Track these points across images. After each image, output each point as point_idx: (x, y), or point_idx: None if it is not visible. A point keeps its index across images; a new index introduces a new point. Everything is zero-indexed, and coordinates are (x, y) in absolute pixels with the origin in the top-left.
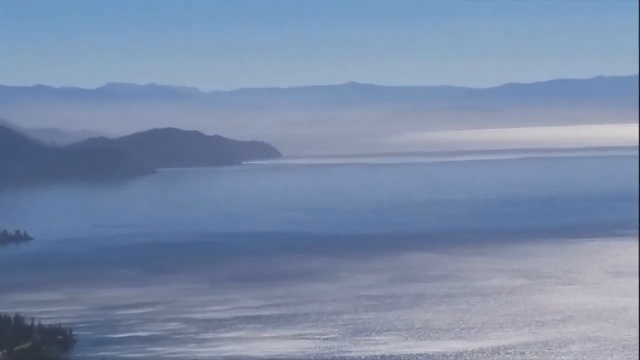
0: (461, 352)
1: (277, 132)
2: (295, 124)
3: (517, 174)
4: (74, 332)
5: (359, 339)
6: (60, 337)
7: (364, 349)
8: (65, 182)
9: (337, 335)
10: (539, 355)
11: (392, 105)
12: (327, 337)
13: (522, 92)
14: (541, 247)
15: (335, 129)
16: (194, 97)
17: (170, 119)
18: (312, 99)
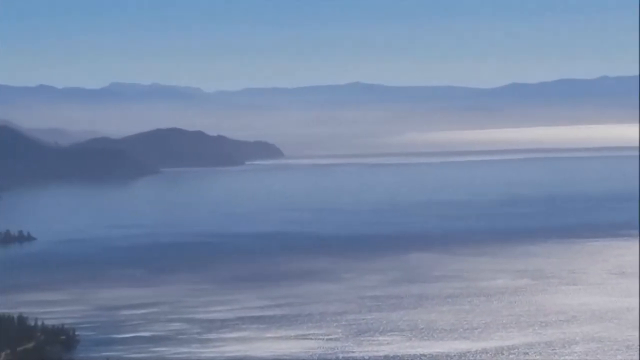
0: (465, 353)
1: (281, 132)
2: (298, 124)
3: (520, 174)
4: (77, 333)
5: (362, 339)
6: (63, 337)
7: (367, 349)
8: (68, 183)
9: (341, 335)
10: (542, 355)
11: (396, 105)
12: (331, 337)
13: (527, 93)
14: (544, 247)
15: (339, 129)
16: (198, 97)
17: (173, 119)
18: (316, 99)
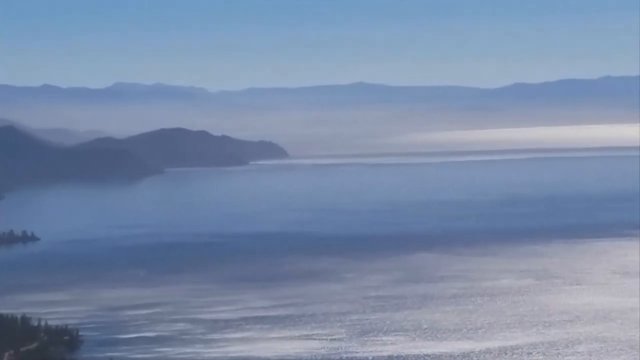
0: (468, 353)
1: (285, 132)
2: (302, 123)
3: (522, 174)
4: (80, 333)
5: (366, 339)
6: (67, 337)
7: (371, 349)
8: (72, 183)
9: (345, 335)
10: (546, 355)
11: (400, 105)
12: (334, 337)
13: (530, 93)
14: (548, 247)
15: (342, 128)
16: (201, 97)
17: (177, 119)
18: (320, 99)
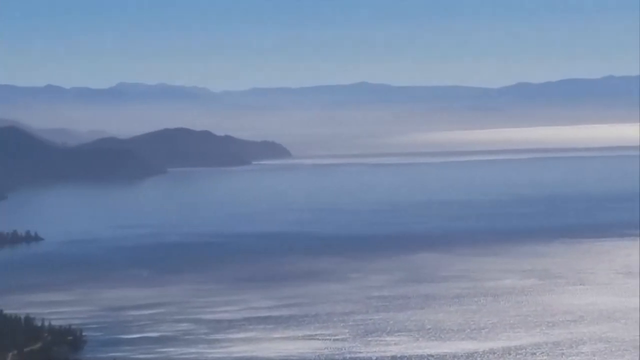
0: (472, 353)
1: (288, 132)
2: (305, 123)
3: (523, 174)
4: (84, 333)
5: (369, 339)
6: (70, 337)
7: (374, 349)
8: (75, 183)
9: (348, 335)
10: (550, 355)
11: (402, 105)
12: (338, 337)
13: (532, 92)
14: (551, 247)
15: (344, 129)
16: (204, 97)
17: (180, 119)
18: (323, 99)
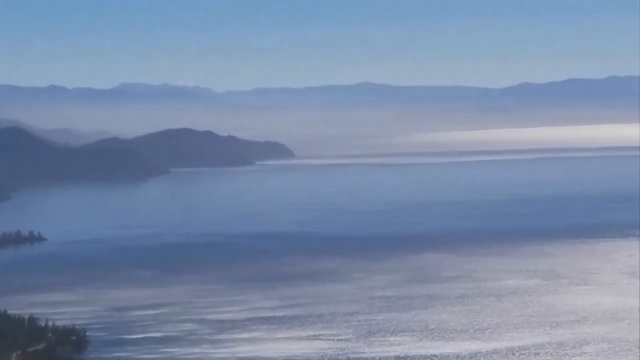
0: (475, 353)
1: (291, 132)
2: (309, 124)
3: (524, 174)
4: (88, 333)
5: (373, 339)
6: (74, 338)
7: (378, 349)
8: (78, 183)
9: (352, 336)
10: (553, 356)
11: (405, 105)
12: (342, 337)
13: (537, 92)
14: (555, 247)
15: (347, 129)
16: (208, 97)
17: (183, 119)
18: (325, 98)
